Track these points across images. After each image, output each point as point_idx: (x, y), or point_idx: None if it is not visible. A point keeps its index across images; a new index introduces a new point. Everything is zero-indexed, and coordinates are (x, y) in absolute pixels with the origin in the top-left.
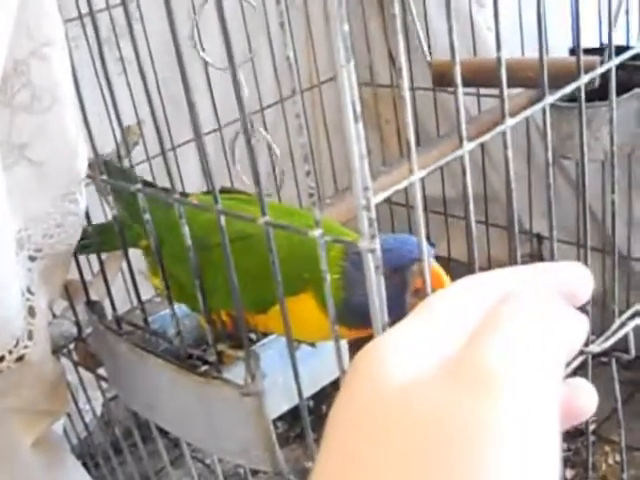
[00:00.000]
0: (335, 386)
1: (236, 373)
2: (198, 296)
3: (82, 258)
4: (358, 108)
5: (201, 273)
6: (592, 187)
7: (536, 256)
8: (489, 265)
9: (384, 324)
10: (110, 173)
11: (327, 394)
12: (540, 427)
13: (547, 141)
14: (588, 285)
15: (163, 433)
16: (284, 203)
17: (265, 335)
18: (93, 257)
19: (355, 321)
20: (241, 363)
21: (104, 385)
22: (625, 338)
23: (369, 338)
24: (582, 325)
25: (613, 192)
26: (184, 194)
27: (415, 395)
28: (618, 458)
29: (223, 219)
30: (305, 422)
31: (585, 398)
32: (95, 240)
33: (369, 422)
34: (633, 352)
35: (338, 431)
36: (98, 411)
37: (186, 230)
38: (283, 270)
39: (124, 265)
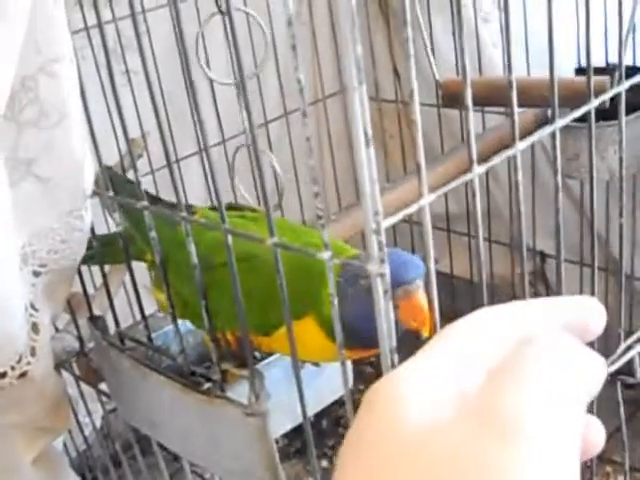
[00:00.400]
0: (336, 401)
1: (240, 392)
2: (203, 315)
3: (85, 272)
4: (369, 132)
5: (206, 293)
6: (596, 207)
7: (539, 274)
8: (492, 282)
9: (392, 348)
10: (116, 186)
11: (328, 409)
12: (561, 475)
13: (557, 165)
14: (601, 321)
15: (163, 447)
16: (286, 219)
17: (269, 353)
18: (96, 270)
19: (351, 340)
20: (245, 382)
21: (104, 398)
22: (630, 359)
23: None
24: (601, 367)
25: (621, 216)
26: (190, 207)
27: (436, 439)
28: (620, 479)
29: (230, 238)
30: (309, 442)
31: (595, 434)
32: (99, 251)
33: (388, 465)
34: (639, 375)
35: (352, 473)
36: (98, 424)
37: (193, 248)
38: (287, 293)
39: (127, 279)
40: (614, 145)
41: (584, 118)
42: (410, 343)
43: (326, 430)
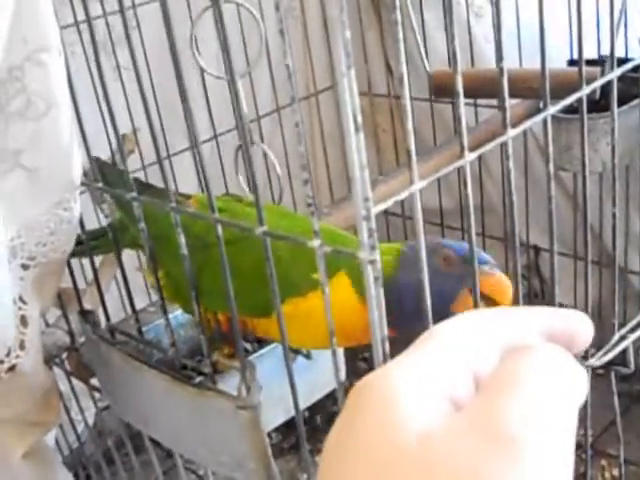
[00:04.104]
0: (330, 398)
1: (231, 384)
2: (192, 295)
3: (76, 267)
4: (359, 117)
5: (200, 272)
6: (589, 199)
7: (533, 267)
8: None
9: (383, 337)
10: (106, 177)
11: (322, 405)
12: None
13: (548, 152)
14: (589, 335)
15: (156, 443)
16: (285, 207)
17: (261, 345)
18: (87, 266)
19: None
20: (236, 374)
21: (97, 395)
22: (623, 351)
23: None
24: (585, 378)
25: (614, 206)
26: (184, 196)
27: (434, 450)
28: (615, 472)
29: (220, 228)
30: (301, 435)
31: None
32: (89, 243)
33: (381, 473)
34: (632, 366)
35: (340, 477)
36: (90, 421)
37: (182, 240)
38: (287, 271)
39: (118, 276)
40: (606, 137)
41: (576, 110)
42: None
43: (320, 426)
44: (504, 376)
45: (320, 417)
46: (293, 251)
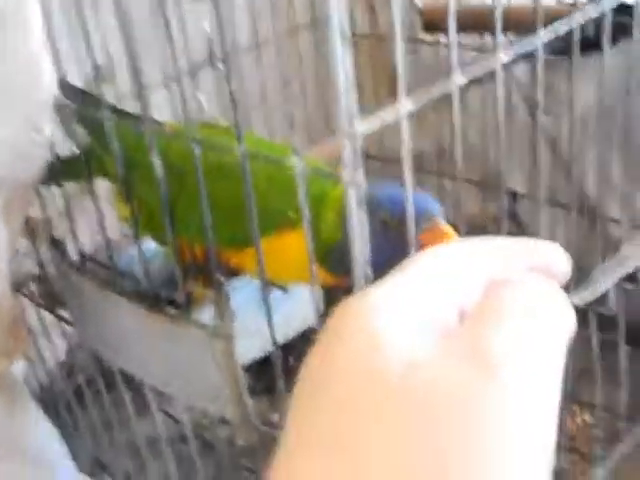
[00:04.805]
0: (304, 339)
1: (206, 315)
2: (167, 225)
3: (46, 196)
4: (346, 25)
5: (175, 201)
6: (569, 144)
7: (511, 214)
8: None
9: (366, 271)
10: (76, 99)
11: (296, 346)
12: (543, 419)
13: (538, 79)
14: (566, 267)
15: (128, 383)
16: (261, 136)
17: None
18: (58, 196)
19: (344, 269)
20: (211, 306)
21: (67, 329)
22: (604, 298)
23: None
24: (573, 315)
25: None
26: (157, 123)
27: (420, 379)
28: (586, 417)
29: (198, 149)
30: (276, 366)
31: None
32: (60, 169)
33: (367, 407)
34: (614, 307)
35: (318, 410)
36: (61, 358)
37: (158, 162)
38: (263, 204)
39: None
40: (591, 79)
41: (563, 50)
42: None
43: (293, 367)
44: (492, 307)
45: (293, 358)
46: (270, 182)
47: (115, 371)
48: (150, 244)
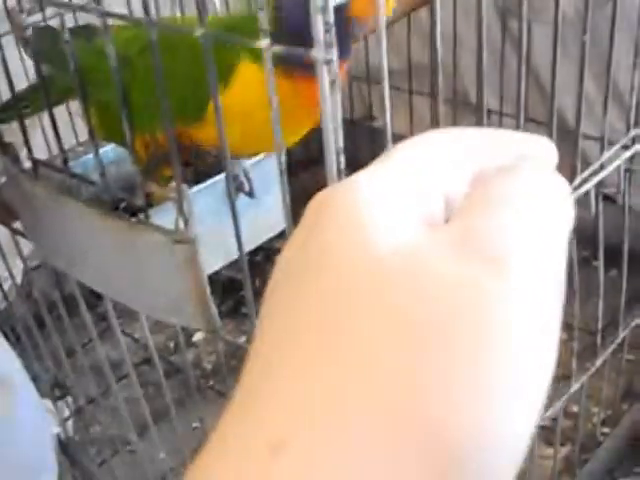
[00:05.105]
0: (269, 258)
1: (167, 220)
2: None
3: None
4: None
5: (128, 92)
6: (542, 56)
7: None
8: None
9: (338, 150)
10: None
11: (261, 268)
12: (545, 313)
13: None
14: (554, 158)
15: (89, 306)
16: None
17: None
18: None
19: (294, 55)
20: (172, 209)
21: (24, 250)
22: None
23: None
24: (572, 205)
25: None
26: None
27: (411, 265)
28: (563, 336)
29: (154, 34)
30: (244, 272)
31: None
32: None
33: (349, 292)
34: (593, 210)
35: (305, 295)
36: (18, 280)
37: (110, 47)
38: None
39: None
40: None
41: None
42: None
43: (260, 289)
44: (485, 195)
45: (259, 280)
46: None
47: (76, 293)
48: (107, 153)
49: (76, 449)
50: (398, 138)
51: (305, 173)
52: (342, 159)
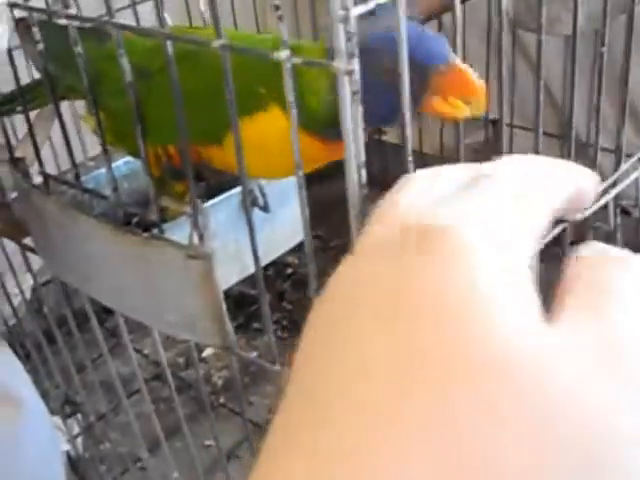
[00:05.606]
0: (279, 273)
1: (181, 235)
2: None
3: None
4: None
5: (143, 105)
6: (553, 67)
7: (491, 143)
8: (441, 155)
9: (360, 164)
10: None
11: (272, 282)
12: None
13: None
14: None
15: (99, 321)
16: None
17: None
18: (20, 122)
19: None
20: (187, 224)
21: (34, 266)
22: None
23: None
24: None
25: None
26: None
27: (541, 374)
28: None
29: (170, 47)
30: (260, 286)
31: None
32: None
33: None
34: (612, 223)
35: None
36: (28, 295)
37: (125, 62)
38: (241, 84)
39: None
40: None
41: None
42: None
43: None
44: (606, 293)
45: (270, 295)
46: (237, 65)
47: (88, 309)
48: (120, 167)
49: (86, 466)
50: (429, 158)
51: (318, 186)
52: (364, 173)
